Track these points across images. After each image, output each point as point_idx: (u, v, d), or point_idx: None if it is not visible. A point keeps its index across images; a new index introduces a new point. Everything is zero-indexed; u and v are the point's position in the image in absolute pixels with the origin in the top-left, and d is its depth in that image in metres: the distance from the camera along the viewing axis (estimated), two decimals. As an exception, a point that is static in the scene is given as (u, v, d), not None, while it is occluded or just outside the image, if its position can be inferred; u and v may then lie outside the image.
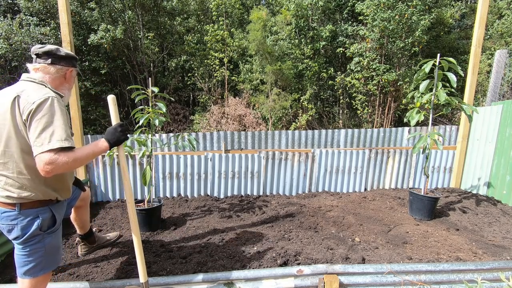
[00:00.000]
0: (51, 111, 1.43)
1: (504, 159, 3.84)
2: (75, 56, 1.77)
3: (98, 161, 3.97)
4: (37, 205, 1.53)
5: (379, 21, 7.94)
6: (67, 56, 1.69)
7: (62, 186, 1.65)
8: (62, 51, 1.68)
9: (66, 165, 1.42)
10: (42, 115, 1.41)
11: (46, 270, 1.60)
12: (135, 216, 1.75)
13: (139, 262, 1.75)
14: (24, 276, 1.54)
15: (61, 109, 1.48)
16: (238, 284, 1.95)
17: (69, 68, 1.70)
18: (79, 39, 8.92)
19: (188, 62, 10.24)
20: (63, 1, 3.37)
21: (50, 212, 1.58)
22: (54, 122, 1.43)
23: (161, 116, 3.08)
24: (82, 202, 2.33)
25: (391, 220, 3.32)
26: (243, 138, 4.46)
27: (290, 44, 9.55)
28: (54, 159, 1.38)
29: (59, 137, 1.41)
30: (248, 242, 2.76)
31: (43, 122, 1.40)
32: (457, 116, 9.51)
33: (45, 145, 1.38)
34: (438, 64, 3.21)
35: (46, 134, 1.39)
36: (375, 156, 4.40)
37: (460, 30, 11.23)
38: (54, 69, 1.63)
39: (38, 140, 1.39)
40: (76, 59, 1.79)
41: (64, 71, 1.68)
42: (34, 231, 1.51)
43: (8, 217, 1.49)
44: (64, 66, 1.67)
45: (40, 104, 1.42)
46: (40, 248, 1.55)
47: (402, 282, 1.97)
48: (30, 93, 1.46)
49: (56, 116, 1.44)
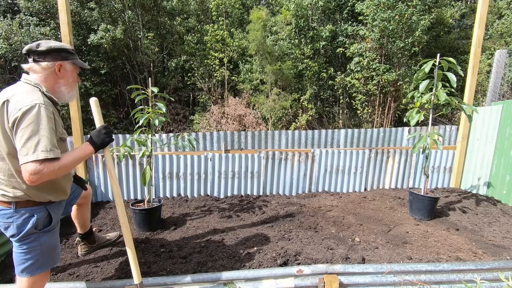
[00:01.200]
0: (37, 120, 1.39)
1: (504, 159, 3.84)
2: (63, 48, 1.61)
3: (98, 161, 3.97)
4: (32, 204, 1.54)
5: (379, 21, 7.94)
6: (50, 50, 1.55)
7: (56, 189, 1.63)
8: (44, 46, 1.54)
9: (52, 174, 1.41)
10: (28, 124, 1.37)
11: (43, 269, 1.60)
12: (125, 219, 1.74)
13: (132, 264, 1.74)
14: (22, 274, 1.55)
15: (48, 117, 1.43)
16: (238, 284, 1.95)
17: (56, 62, 1.57)
18: (79, 39, 8.92)
19: (188, 62, 10.24)
20: (63, 1, 3.37)
21: (46, 211, 1.59)
22: (40, 131, 1.39)
23: (161, 116, 3.08)
24: (84, 200, 2.32)
25: (391, 220, 3.33)
26: (243, 138, 4.46)
27: (290, 44, 9.55)
28: (39, 169, 1.37)
29: (44, 147, 1.38)
30: (248, 242, 2.76)
31: (29, 131, 1.37)
32: (457, 116, 9.51)
33: (30, 155, 1.36)
34: (438, 64, 3.21)
35: (31, 143, 1.37)
36: (375, 156, 4.40)
37: (460, 30, 11.24)
38: (39, 67, 1.54)
39: (23, 150, 1.37)
40: (67, 51, 1.62)
41: (51, 66, 1.56)
42: (29, 230, 1.51)
43: (4, 215, 1.50)
44: (50, 62, 1.55)
45: (26, 112, 1.38)
46: (36, 246, 1.56)
47: (402, 282, 1.97)
48: (19, 98, 1.42)
49: (42, 125, 1.40)
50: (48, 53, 1.55)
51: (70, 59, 1.64)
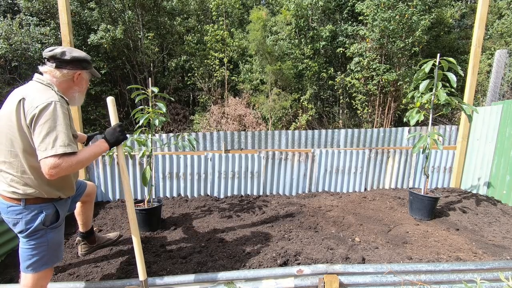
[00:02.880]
0: (54, 116, 1.46)
1: (504, 159, 3.84)
2: (84, 59, 1.71)
3: (98, 161, 3.96)
4: (41, 201, 1.59)
5: (380, 21, 7.93)
6: (73, 60, 1.65)
7: (66, 185, 1.69)
8: (68, 55, 1.63)
9: (70, 168, 1.48)
10: (45, 120, 1.44)
11: (48, 265, 1.65)
12: (134, 215, 1.77)
13: (139, 261, 1.76)
14: (27, 270, 1.59)
15: (64, 113, 1.50)
16: (238, 284, 1.95)
17: (77, 71, 1.67)
18: (79, 39, 8.91)
19: (188, 62, 10.24)
20: (63, 1, 3.37)
21: (54, 208, 1.64)
22: (57, 127, 1.46)
23: (161, 116, 3.09)
24: (88, 198, 2.35)
25: (391, 220, 3.33)
26: (243, 138, 4.45)
27: (290, 44, 9.54)
28: (58, 163, 1.43)
29: (62, 142, 1.45)
30: (248, 242, 2.76)
31: (46, 127, 1.44)
32: (457, 116, 9.51)
33: (49, 150, 1.42)
34: (438, 64, 3.21)
35: (49, 139, 1.43)
36: (375, 156, 4.40)
37: (460, 30, 11.23)
38: (59, 73, 1.62)
39: (42, 145, 1.43)
40: (87, 61, 1.73)
41: (71, 74, 1.66)
42: (37, 226, 1.56)
43: (13, 211, 1.55)
44: (71, 70, 1.65)
45: (43, 109, 1.44)
46: (43, 242, 1.60)
47: (402, 282, 1.97)
48: (35, 96, 1.49)
49: (59, 121, 1.47)
50: (69, 62, 1.64)
51: (88, 68, 1.74)
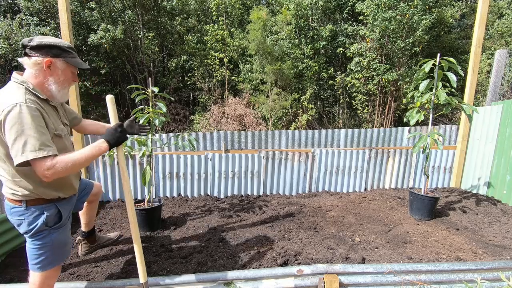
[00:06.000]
0: (20, 120, 1.35)
1: (504, 159, 3.84)
2: (56, 45, 1.53)
3: (98, 161, 3.96)
4: (42, 202, 1.57)
5: (380, 21, 7.93)
6: (40, 46, 1.49)
7: (63, 185, 1.65)
8: (36, 41, 1.48)
9: (65, 169, 1.43)
10: (11, 125, 1.34)
11: (53, 264, 1.64)
12: (134, 217, 1.75)
13: (139, 263, 1.75)
14: (34, 268, 1.60)
15: (33, 115, 1.38)
16: (238, 284, 1.95)
17: (45, 58, 1.49)
18: (79, 39, 8.92)
19: (188, 62, 10.24)
20: (63, 1, 3.37)
21: (55, 209, 1.62)
22: (25, 131, 1.35)
23: (161, 116, 3.08)
24: (94, 197, 2.36)
25: (391, 220, 3.32)
26: (243, 138, 4.45)
27: (290, 44, 9.54)
28: (52, 164, 1.39)
29: (32, 147, 1.35)
30: (248, 242, 2.76)
31: (14, 133, 1.34)
32: (457, 116, 9.50)
33: (19, 156, 1.34)
34: (438, 63, 3.21)
35: (18, 145, 1.34)
36: (375, 156, 4.40)
37: (460, 30, 11.23)
38: (30, 61, 1.49)
39: (13, 151, 1.36)
40: (60, 48, 1.54)
41: (40, 62, 1.49)
42: (40, 227, 1.55)
43: (16, 212, 1.54)
44: (39, 57, 1.49)
45: (7, 113, 1.35)
46: (48, 243, 1.59)
47: (402, 282, 1.97)
48: (2, 99, 1.39)
49: (26, 125, 1.35)
50: (39, 48, 1.49)
51: (62, 56, 1.55)
